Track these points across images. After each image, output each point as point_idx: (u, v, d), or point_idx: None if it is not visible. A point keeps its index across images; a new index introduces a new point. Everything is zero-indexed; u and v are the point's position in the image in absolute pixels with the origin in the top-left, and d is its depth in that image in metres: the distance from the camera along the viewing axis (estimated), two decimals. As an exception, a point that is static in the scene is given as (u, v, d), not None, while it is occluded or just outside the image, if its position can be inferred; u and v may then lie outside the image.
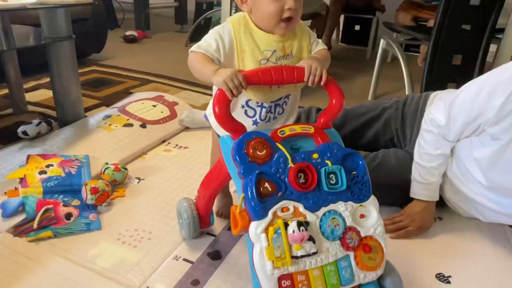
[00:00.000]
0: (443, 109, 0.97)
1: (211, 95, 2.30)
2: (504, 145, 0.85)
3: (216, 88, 0.72)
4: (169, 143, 1.44)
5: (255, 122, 0.81)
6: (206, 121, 1.58)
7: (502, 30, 2.05)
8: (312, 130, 0.74)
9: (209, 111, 0.84)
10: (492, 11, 1.62)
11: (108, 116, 1.42)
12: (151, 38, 3.33)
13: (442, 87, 1.69)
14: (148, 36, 3.31)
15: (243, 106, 0.80)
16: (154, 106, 1.56)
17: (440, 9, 1.59)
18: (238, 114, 0.79)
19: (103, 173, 1.12)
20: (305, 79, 0.73)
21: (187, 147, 1.41)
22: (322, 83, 0.73)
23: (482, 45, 1.68)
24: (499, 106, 0.82)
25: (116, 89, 1.97)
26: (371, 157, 1.13)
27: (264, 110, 0.80)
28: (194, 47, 0.75)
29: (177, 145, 1.43)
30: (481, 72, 1.70)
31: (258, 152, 0.68)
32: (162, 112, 1.54)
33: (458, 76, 1.71)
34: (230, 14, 2.50)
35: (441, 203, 1.09)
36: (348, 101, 0.78)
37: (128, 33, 3.11)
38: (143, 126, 1.41)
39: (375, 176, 1.09)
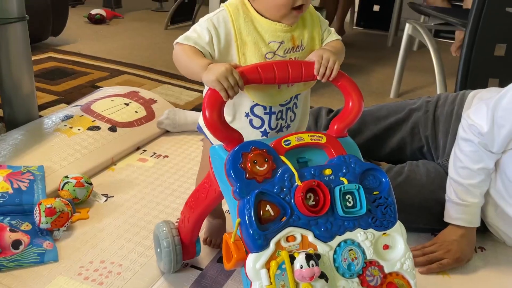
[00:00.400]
0: (485, 113, 0.97)
1: (197, 90, 2.29)
2: None
3: (207, 88, 0.71)
4: (144, 150, 1.43)
5: (264, 133, 0.81)
6: (190, 124, 1.59)
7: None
8: (323, 140, 0.74)
9: (202, 121, 0.84)
10: (543, -9, 1.64)
11: (68, 117, 1.41)
12: (122, 18, 3.34)
13: (482, 83, 1.71)
14: (118, 16, 3.31)
15: (247, 115, 0.79)
16: (127, 104, 1.55)
17: (480, -12, 1.60)
18: (242, 125, 0.79)
19: (62, 189, 1.11)
20: (315, 72, 0.73)
21: (167, 156, 1.41)
22: (331, 77, 0.74)
23: (530, 32, 1.70)
24: None
25: (79, 81, 1.97)
26: (395, 171, 1.13)
27: (273, 116, 0.80)
28: (181, 38, 0.75)
29: (154, 153, 1.42)
30: (530, 65, 1.72)
31: (257, 167, 0.67)
32: (136, 112, 1.53)
33: (502, 70, 1.72)
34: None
35: (483, 229, 1.09)
36: (365, 99, 0.78)
37: (94, 11, 3.11)
38: (112, 129, 1.40)
39: (401, 195, 1.09)
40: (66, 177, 1.13)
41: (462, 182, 1.01)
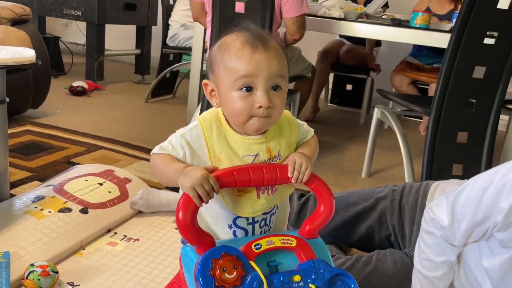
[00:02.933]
0: (446, 207, 1.01)
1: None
2: None
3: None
4: (115, 233, 1.42)
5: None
6: (164, 205, 1.59)
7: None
8: (293, 244, 0.75)
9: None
10: (499, 83, 1.78)
11: (40, 198, 1.40)
12: (104, 90, 3.40)
13: (447, 168, 1.79)
14: (100, 88, 3.38)
15: (230, 227, 0.79)
16: (101, 184, 1.55)
17: (440, 81, 1.73)
18: (226, 236, 0.78)
19: (26, 278, 1.08)
20: (290, 174, 0.75)
21: (137, 239, 1.39)
22: (303, 181, 0.76)
23: (490, 121, 1.81)
24: (506, 209, 0.86)
25: (54, 157, 1.97)
26: (363, 262, 1.15)
27: (257, 225, 0.79)
28: (157, 149, 0.76)
29: (125, 236, 1.40)
30: (491, 151, 1.81)
31: (227, 275, 0.68)
32: (110, 192, 1.53)
33: (464, 156, 1.82)
34: (202, 69, 2.61)
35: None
36: (338, 179, 0.81)
37: (75, 84, 3.17)
38: (84, 211, 1.39)
39: (369, 284, 1.11)
40: (32, 265, 1.10)
41: (427, 274, 1.03)
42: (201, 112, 2.15)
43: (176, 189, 1.70)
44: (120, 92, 3.45)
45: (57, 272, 1.12)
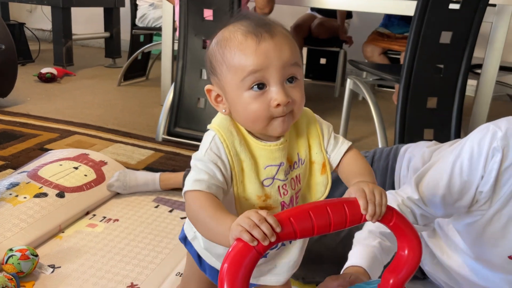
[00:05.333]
0: (411, 187, 0.98)
1: (149, 148, 2.30)
2: (488, 217, 0.92)
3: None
4: (94, 215, 1.43)
5: (264, 255, 0.72)
6: (141, 185, 1.60)
7: (480, 66, 2.28)
8: None
9: (191, 233, 0.76)
10: (465, 48, 1.82)
11: (14, 184, 1.39)
12: (74, 75, 3.35)
13: (418, 133, 1.84)
14: (70, 74, 3.32)
15: None
16: (76, 168, 1.55)
17: (408, 48, 1.76)
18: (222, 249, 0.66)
19: (6, 262, 1.08)
20: (363, 211, 0.58)
21: (117, 220, 1.40)
22: (381, 215, 0.59)
23: (458, 85, 1.86)
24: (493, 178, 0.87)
25: (27, 144, 1.94)
26: (338, 226, 1.19)
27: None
28: (191, 184, 0.62)
29: (104, 217, 1.42)
30: (459, 115, 1.87)
31: None
32: (86, 175, 1.53)
33: (435, 121, 1.87)
34: (173, 49, 2.59)
35: (422, 277, 1.15)
36: None
37: (44, 70, 3.10)
38: (60, 195, 1.40)
39: (345, 248, 1.15)
40: (11, 249, 1.10)
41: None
42: (174, 90, 2.13)
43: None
44: (91, 77, 3.40)
45: (37, 256, 1.12)
